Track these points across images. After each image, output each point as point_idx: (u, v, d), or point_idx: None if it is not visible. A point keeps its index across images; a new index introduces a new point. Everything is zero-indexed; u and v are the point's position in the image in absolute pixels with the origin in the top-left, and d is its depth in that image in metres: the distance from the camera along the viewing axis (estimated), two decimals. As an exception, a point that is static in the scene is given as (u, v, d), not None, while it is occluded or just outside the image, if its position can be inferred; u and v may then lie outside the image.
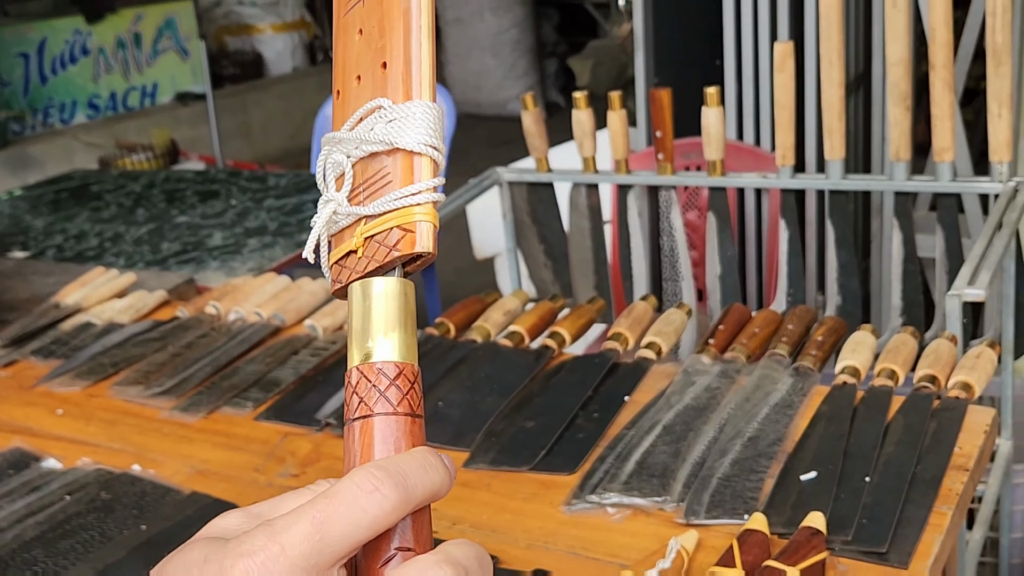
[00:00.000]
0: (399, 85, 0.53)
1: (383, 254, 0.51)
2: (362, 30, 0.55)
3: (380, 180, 0.52)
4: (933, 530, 1.13)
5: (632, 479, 1.24)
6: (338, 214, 0.53)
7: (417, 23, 0.53)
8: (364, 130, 0.53)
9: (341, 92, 0.56)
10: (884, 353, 1.44)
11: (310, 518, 0.45)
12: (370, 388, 0.50)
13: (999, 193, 1.83)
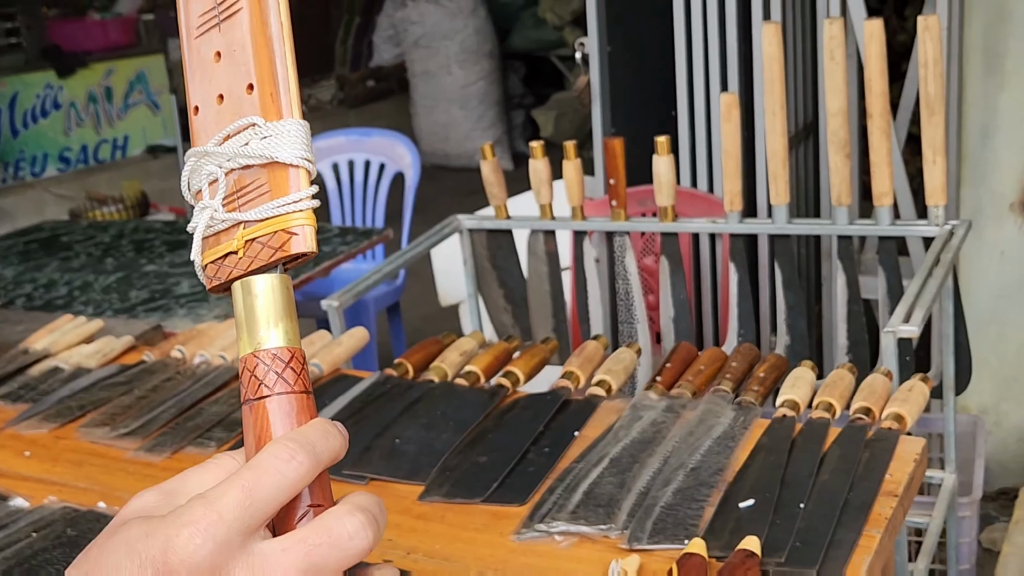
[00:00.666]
0: (269, 105, 0.58)
1: (268, 254, 0.57)
2: (220, 53, 0.60)
3: (255, 190, 0.58)
4: (863, 552, 1.19)
5: (579, 509, 1.29)
6: (214, 219, 0.59)
7: (281, 49, 0.59)
8: (237, 144, 0.58)
9: (200, 109, 0.61)
10: (822, 388, 1.51)
11: (239, 487, 0.52)
12: (268, 371, 0.56)
13: (935, 236, 1.91)
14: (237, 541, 0.52)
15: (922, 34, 1.84)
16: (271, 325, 0.56)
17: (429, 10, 6.86)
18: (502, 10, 7.23)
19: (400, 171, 3.48)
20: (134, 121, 6.18)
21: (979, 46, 2.42)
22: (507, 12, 7.25)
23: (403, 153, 3.47)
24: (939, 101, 1.86)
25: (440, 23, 6.84)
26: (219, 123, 0.59)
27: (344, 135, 3.58)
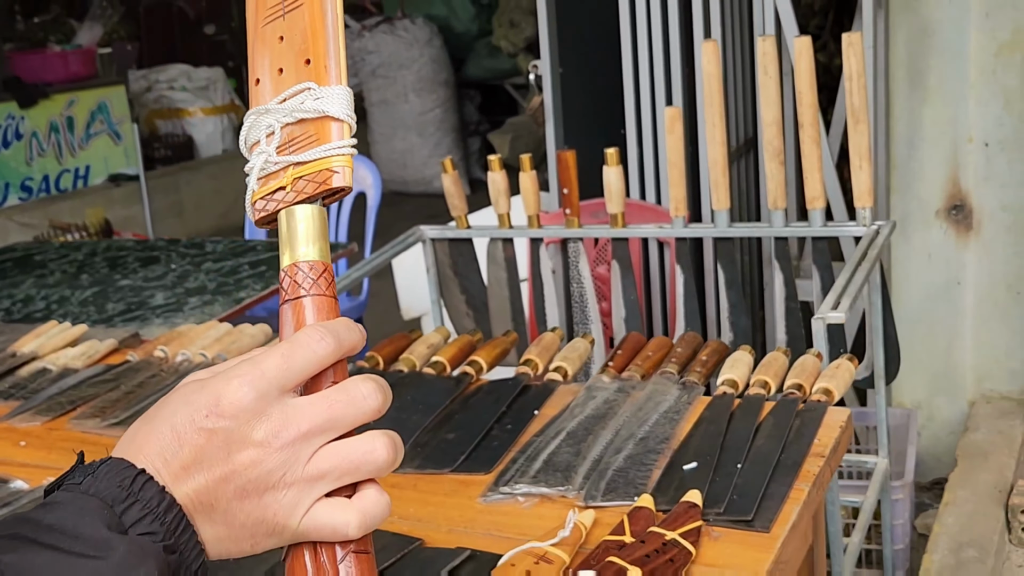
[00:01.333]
0: (323, 74, 0.73)
1: (313, 188, 0.71)
2: (283, 37, 0.75)
3: (306, 139, 0.72)
4: (792, 503, 1.33)
5: (539, 474, 1.42)
6: (268, 162, 0.73)
7: (334, 32, 0.73)
8: (295, 103, 0.72)
9: (261, 80, 0.75)
10: (759, 368, 1.66)
11: (280, 353, 0.66)
12: (305, 277, 0.69)
13: (863, 235, 2.07)
14: (275, 394, 0.65)
15: (846, 50, 2.01)
16: (310, 243, 0.70)
17: (386, 40, 7.02)
18: (457, 40, 7.42)
19: (363, 191, 3.62)
20: (96, 151, 6.27)
21: (904, 63, 2.61)
22: (462, 42, 7.44)
23: (365, 175, 3.60)
24: (863, 111, 2.03)
25: (397, 53, 7.00)
26: (277, 89, 0.73)
27: (307, 157, 3.70)
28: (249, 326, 1.96)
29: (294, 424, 0.65)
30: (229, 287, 2.61)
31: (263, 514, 0.66)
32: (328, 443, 0.67)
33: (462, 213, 2.37)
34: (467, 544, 1.30)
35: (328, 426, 0.66)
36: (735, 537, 1.28)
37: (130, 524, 0.64)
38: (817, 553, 1.55)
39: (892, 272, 2.74)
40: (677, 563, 1.21)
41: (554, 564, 1.21)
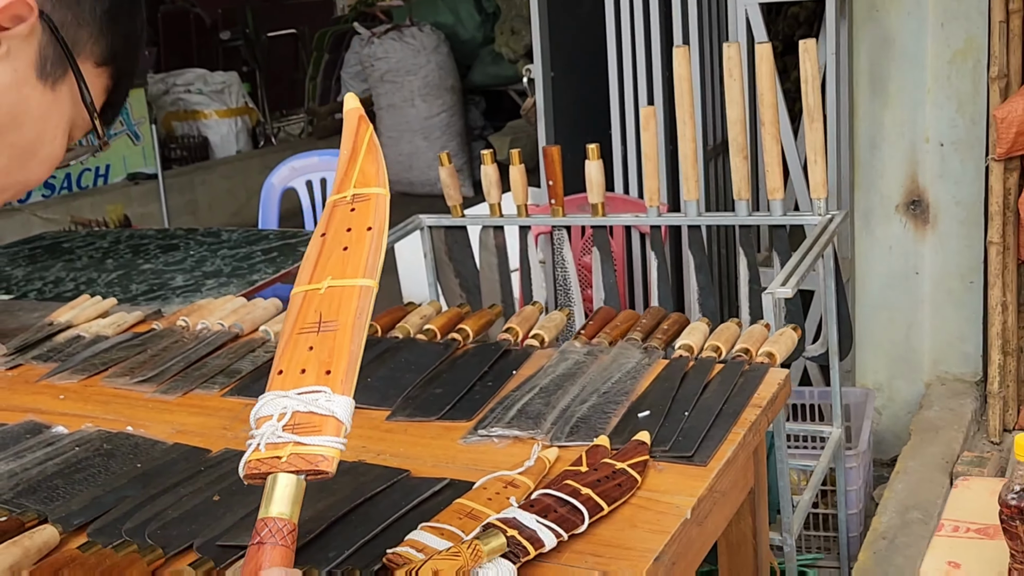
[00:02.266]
0: (339, 386, 0.97)
1: (304, 464, 0.94)
2: (312, 347, 0.99)
3: (311, 427, 0.96)
4: (729, 444, 1.54)
5: (513, 420, 1.64)
6: (275, 435, 0.95)
7: (355, 356, 0.98)
8: (311, 399, 0.96)
9: (284, 372, 0.99)
10: (712, 335, 1.87)
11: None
12: (277, 530, 0.91)
13: (816, 224, 2.29)
14: None
15: (803, 55, 2.23)
16: (287, 504, 0.93)
17: (395, 47, 7.26)
18: (463, 47, 7.66)
19: (368, 187, 3.83)
20: (116, 150, 6.51)
21: (866, 71, 2.82)
22: (468, 49, 7.69)
23: (371, 171, 3.82)
24: (818, 111, 2.24)
25: (405, 59, 7.24)
26: (296, 384, 0.97)
27: (317, 155, 3.95)
28: (262, 300, 2.19)
29: None
30: (243, 271, 2.84)
31: None
32: None
33: (457, 203, 2.59)
34: (448, 475, 1.52)
35: None
36: (677, 470, 1.49)
37: None
38: (759, 496, 1.76)
39: (856, 262, 2.95)
40: (624, 487, 1.42)
41: (520, 488, 1.43)
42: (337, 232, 1.07)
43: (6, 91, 0.92)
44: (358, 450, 1.62)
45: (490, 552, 1.26)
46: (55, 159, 0.99)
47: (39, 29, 0.92)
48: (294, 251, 3.00)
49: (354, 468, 1.54)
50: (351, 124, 1.12)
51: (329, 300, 1.03)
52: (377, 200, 1.07)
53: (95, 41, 0.97)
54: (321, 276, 1.04)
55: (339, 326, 0.99)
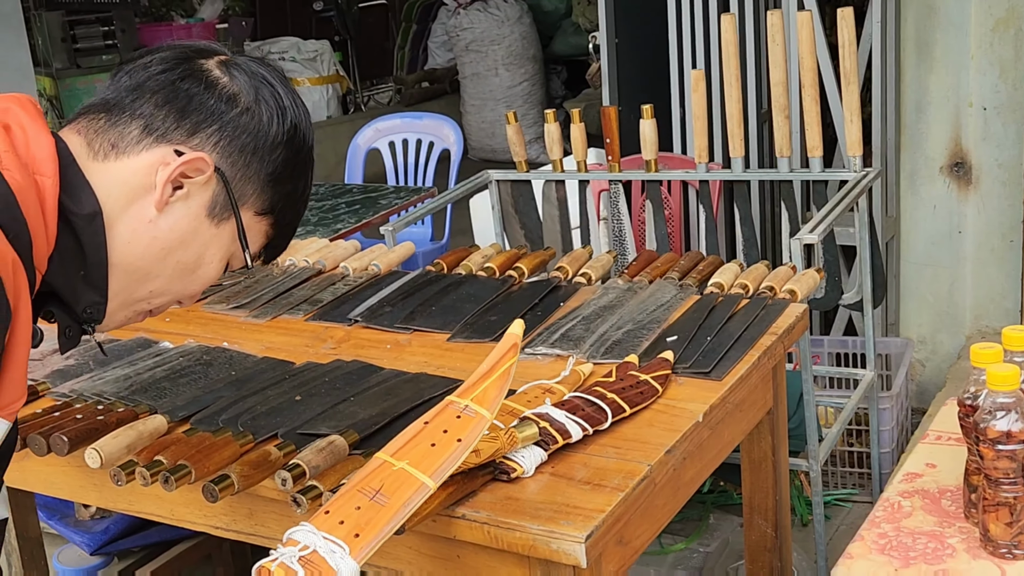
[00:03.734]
0: (356, 551, 1.18)
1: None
2: (359, 507, 1.21)
3: (318, 569, 1.16)
4: (744, 364, 1.74)
5: (556, 342, 1.86)
6: (292, 558, 1.17)
7: (387, 532, 1.21)
8: (331, 549, 1.17)
9: (331, 513, 1.21)
10: (742, 275, 2.07)
11: None
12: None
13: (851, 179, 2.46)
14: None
15: (840, 22, 2.39)
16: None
17: (479, 18, 7.48)
18: (546, 18, 7.86)
19: (447, 148, 4.09)
20: (214, 115, 6.84)
21: (912, 37, 2.96)
22: (550, 20, 7.88)
23: (449, 133, 4.08)
24: (854, 73, 2.41)
25: (489, 29, 7.46)
26: (331, 529, 1.20)
27: (399, 117, 4.21)
28: (342, 241, 2.44)
29: None
30: (328, 220, 3.10)
31: None
32: None
33: (522, 159, 2.81)
34: (496, 385, 1.75)
35: None
36: (695, 383, 1.70)
37: None
38: (777, 417, 1.96)
39: (901, 221, 3.10)
40: (646, 395, 1.64)
41: (556, 395, 1.65)
42: (436, 428, 1.32)
43: (181, 220, 1.21)
44: (421, 364, 1.86)
45: (524, 439, 1.49)
46: (209, 279, 1.29)
47: (214, 180, 1.22)
48: (375, 204, 3.25)
49: (416, 378, 1.79)
50: (505, 346, 1.38)
51: (395, 479, 1.27)
52: (480, 421, 1.32)
53: (258, 196, 1.26)
54: (403, 456, 1.29)
55: (388, 504, 1.24)
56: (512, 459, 1.46)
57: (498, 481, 1.45)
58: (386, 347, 1.95)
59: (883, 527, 1.42)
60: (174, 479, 1.49)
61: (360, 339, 2.00)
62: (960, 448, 1.51)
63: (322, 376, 1.81)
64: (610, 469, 1.47)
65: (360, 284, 2.23)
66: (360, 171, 4.16)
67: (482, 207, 3.17)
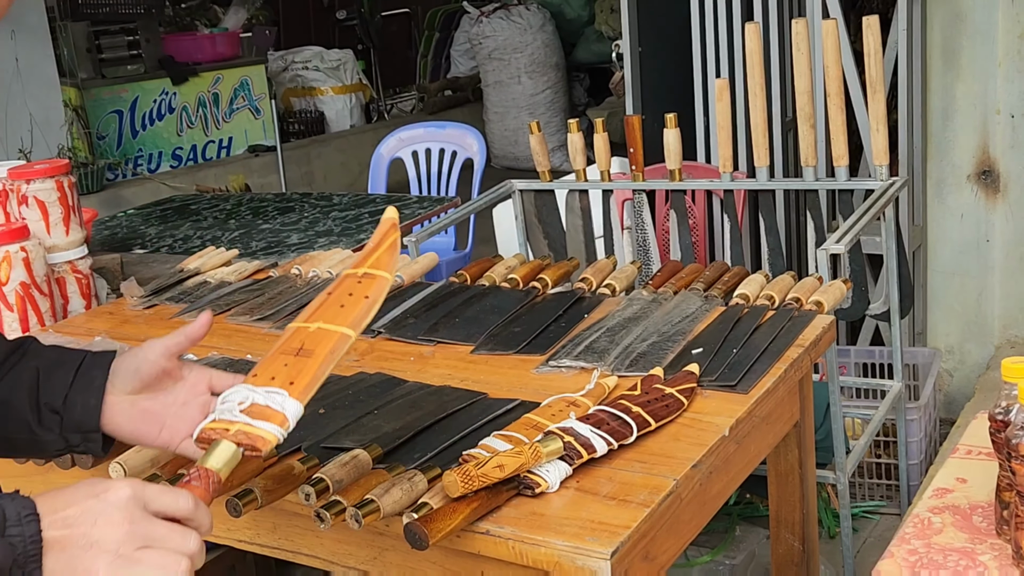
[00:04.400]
0: (297, 395, 1.19)
1: (246, 441, 1.15)
2: (287, 364, 1.22)
3: (262, 415, 1.17)
4: (770, 376, 1.73)
5: (581, 354, 1.85)
6: (230, 412, 1.18)
7: (320, 378, 1.21)
8: (270, 396, 1.19)
9: (258, 375, 1.22)
10: (768, 286, 2.05)
11: (161, 488, 1.04)
12: (204, 477, 1.10)
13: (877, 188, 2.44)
14: (140, 505, 1.00)
15: (866, 31, 2.38)
16: (218, 462, 1.13)
17: (502, 26, 7.48)
18: (568, 26, 7.86)
19: (470, 157, 4.09)
20: (237, 124, 6.90)
21: (938, 44, 2.94)
22: (572, 28, 7.88)
23: (472, 142, 4.07)
24: (880, 82, 2.39)
25: (512, 37, 7.46)
26: (264, 383, 1.20)
27: (423, 127, 4.21)
28: (366, 252, 2.44)
29: (142, 525, 0.98)
30: (352, 230, 3.10)
31: (92, 565, 0.95)
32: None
33: (546, 169, 2.81)
34: (520, 398, 1.74)
35: (158, 538, 1.00)
36: (721, 396, 1.69)
37: (8, 535, 0.94)
38: (804, 429, 1.94)
39: (928, 230, 3.08)
40: (671, 408, 1.63)
41: (580, 408, 1.64)
42: (340, 295, 1.31)
43: None
44: (444, 377, 1.85)
45: (548, 454, 1.48)
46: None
47: None
48: (399, 213, 3.24)
49: (440, 390, 1.78)
50: (384, 228, 1.37)
51: (314, 337, 1.26)
52: (381, 281, 1.30)
53: None
54: (315, 320, 1.29)
55: (315, 354, 1.23)
56: (536, 474, 1.45)
57: (522, 496, 1.44)
58: (409, 359, 1.94)
59: (913, 543, 1.40)
60: (197, 493, 1.49)
61: (383, 351, 2.00)
62: (991, 463, 1.49)
63: (345, 389, 1.80)
64: (636, 484, 1.45)
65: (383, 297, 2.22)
66: (383, 181, 4.16)
67: (505, 216, 3.17)
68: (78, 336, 2.20)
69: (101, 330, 2.23)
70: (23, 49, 5.20)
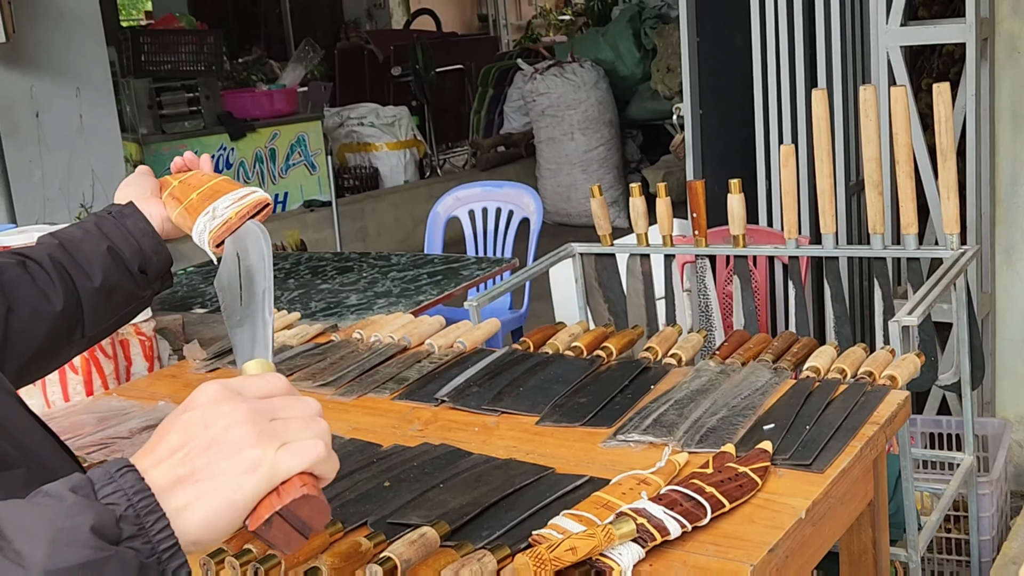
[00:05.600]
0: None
1: (250, 209, 1.34)
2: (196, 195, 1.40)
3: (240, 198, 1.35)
4: (845, 455, 1.68)
5: (649, 428, 1.82)
6: (224, 218, 1.32)
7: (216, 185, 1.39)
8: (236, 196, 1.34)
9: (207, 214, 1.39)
10: (839, 358, 2.01)
11: (244, 378, 0.94)
12: None
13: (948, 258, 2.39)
14: (236, 391, 0.87)
15: (936, 98, 2.34)
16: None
17: (556, 83, 7.52)
18: (621, 83, 7.88)
19: (526, 217, 4.08)
20: (294, 179, 6.97)
21: (1008, 109, 2.89)
22: (626, 85, 7.90)
23: (529, 202, 4.07)
24: (951, 150, 2.35)
25: (566, 95, 7.49)
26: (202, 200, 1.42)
27: (480, 186, 4.22)
28: (428, 317, 2.43)
29: (255, 402, 0.85)
30: (410, 292, 3.10)
31: (239, 457, 0.81)
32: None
33: (607, 232, 2.79)
34: (588, 473, 1.71)
35: (279, 407, 0.87)
36: (795, 476, 1.64)
37: (102, 497, 0.77)
38: (878, 509, 1.89)
39: (996, 297, 3.02)
40: (745, 488, 1.59)
41: (651, 486, 1.60)
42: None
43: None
44: (509, 449, 1.83)
45: (621, 536, 1.44)
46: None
47: None
48: (456, 275, 3.24)
49: (506, 464, 1.75)
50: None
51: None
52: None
53: None
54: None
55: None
56: (609, 557, 1.42)
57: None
58: (474, 429, 1.92)
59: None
60: (264, 570, 1.47)
61: (447, 420, 1.97)
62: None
63: (410, 460, 1.78)
64: (710, 568, 1.41)
65: (446, 362, 2.21)
66: (440, 240, 4.17)
67: (561, 275, 3.15)
68: (141, 400, 2.21)
69: (164, 394, 2.23)
70: (87, 106, 5.30)
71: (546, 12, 14.57)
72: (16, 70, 5.04)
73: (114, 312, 1.46)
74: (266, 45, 10.39)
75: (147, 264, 1.45)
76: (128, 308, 1.49)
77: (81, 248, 1.42)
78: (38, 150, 5.14)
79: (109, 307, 1.44)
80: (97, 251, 1.41)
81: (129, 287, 1.45)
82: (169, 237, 1.50)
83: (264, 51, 9.80)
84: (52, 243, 1.43)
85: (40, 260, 1.39)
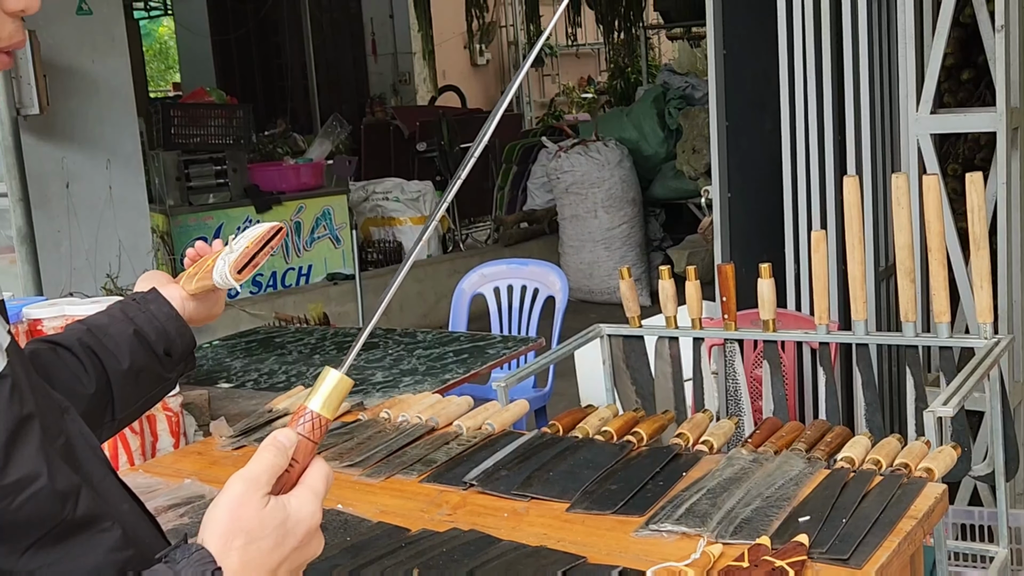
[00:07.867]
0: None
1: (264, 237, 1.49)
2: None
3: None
4: (884, 551, 1.65)
5: (682, 518, 1.79)
6: (242, 250, 1.41)
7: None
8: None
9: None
10: (874, 449, 1.99)
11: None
12: (307, 421, 1.07)
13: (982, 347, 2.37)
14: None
15: (969, 187, 2.34)
16: (326, 403, 1.09)
17: (580, 161, 7.58)
18: (645, 162, 7.94)
19: (551, 295, 4.08)
20: (318, 252, 7.01)
21: (1039, 196, 2.89)
22: (650, 164, 7.96)
23: (554, 280, 4.08)
24: (984, 239, 2.34)
25: (590, 172, 7.54)
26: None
27: (505, 264, 4.23)
28: (455, 397, 2.41)
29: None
30: (436, 370, 3.09)
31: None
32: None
33: (635, 314, 2.78)
34: (621, 564, 1.68)
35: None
36: (832, 571, 1.61)
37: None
38: (915, 605, 1.85)
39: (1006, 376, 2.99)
40: (781, 583, 1.56)
41: (686, 578, 1.58)
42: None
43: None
44: (540, 537, 1.80)
45: (657, 631, 1.42)
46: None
47: None
48: (483, 353, 3.23)
49: (537, 552, 1.73)
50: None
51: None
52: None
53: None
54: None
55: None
56: (645, 653, 1.39)
57: None
58: (503, 515, 1.89)
59: None
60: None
61: (476, 505, 1.95)
62: None
63: (440, 546, 1.76)
64: (748, 667, 1.38)
65: (474, 444, 2.19)
66: (465, 317, 4.17)
67: (587, 353, 3.13)
68: (166, 477, 2.19)
69: (190, 471, 2.22)
70: (116, 177, 5.37)
71: (569, 90, 14.73)
72: (49, 142, 5.12)
73: (142, 394, 1.49)
74: (292, 118, 10.53)
75: (172, 346, 1.48)
76: (155, 390, 1.52)
77: (109, 332, 1.44)
78: (67, 221, 5.19)
79: (137, 389, 1.47)
80: (124, 334, 1.44)
81: (156, 369, 1.48)
82: (191, 319, 1.53)
83: (289, 124, 9.92)
84: (80, 328, 1.45)
85: (70, 345, 1.41)
